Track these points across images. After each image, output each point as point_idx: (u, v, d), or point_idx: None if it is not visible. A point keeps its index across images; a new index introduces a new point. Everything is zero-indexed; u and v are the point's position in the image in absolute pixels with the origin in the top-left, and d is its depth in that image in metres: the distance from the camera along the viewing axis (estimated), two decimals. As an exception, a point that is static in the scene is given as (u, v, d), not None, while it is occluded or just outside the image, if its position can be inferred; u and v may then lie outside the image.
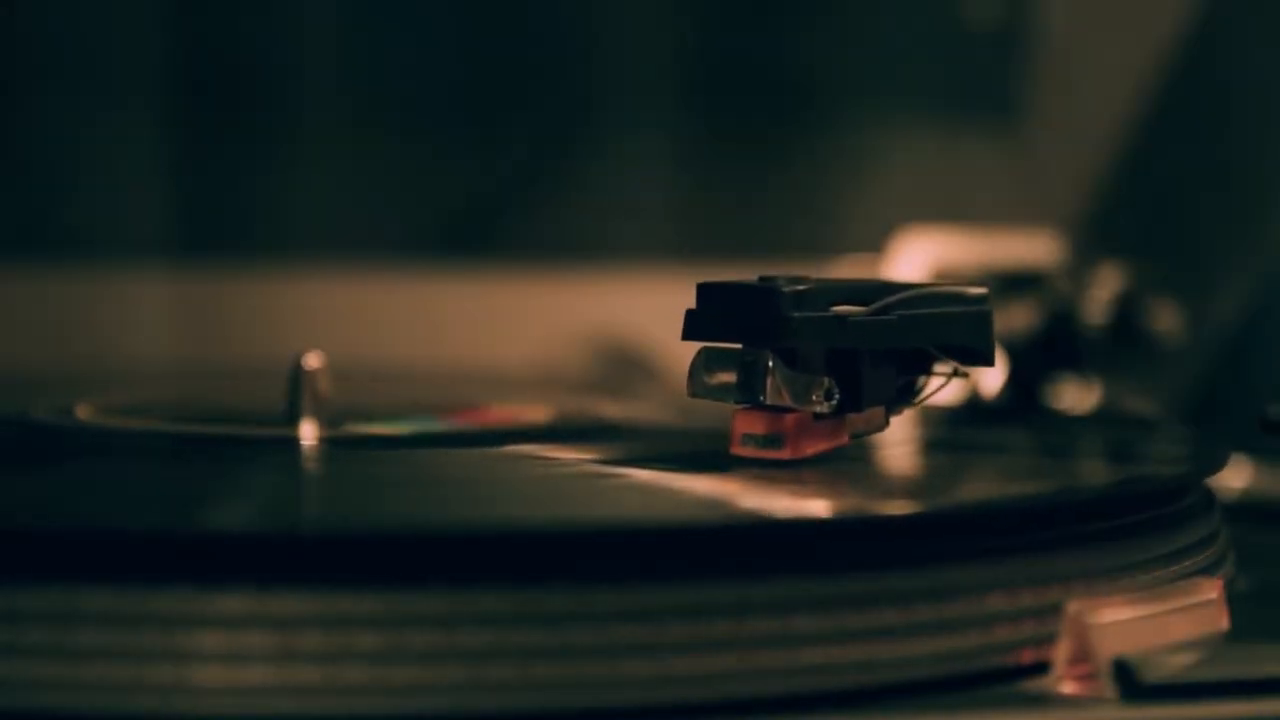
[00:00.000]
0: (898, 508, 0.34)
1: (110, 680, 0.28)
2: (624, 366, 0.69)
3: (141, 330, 0.70)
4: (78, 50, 0.70)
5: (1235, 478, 0.50)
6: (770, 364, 0.36)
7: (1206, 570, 0.36)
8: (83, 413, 0.46)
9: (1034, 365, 0.57)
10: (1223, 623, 0.33)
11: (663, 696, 0.29)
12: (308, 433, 0.43)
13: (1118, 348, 0.57)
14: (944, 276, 0.59)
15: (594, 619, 0.29)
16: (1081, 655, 0.31)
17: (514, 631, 0.29)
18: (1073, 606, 0.31)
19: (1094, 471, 0.43)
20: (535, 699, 0.29)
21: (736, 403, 0.37)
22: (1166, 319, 0.57)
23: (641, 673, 0.29)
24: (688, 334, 0.37)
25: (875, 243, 0.66)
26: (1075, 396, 0.57)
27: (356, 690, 0.28)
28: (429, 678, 0.28)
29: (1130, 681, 0.30)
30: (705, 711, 0.29)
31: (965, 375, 0.39)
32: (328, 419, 0.43)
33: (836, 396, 0.36)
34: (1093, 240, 0.66)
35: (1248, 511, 0.47)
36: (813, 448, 0.37)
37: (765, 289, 0.36)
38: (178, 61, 0.70)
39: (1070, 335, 0.57)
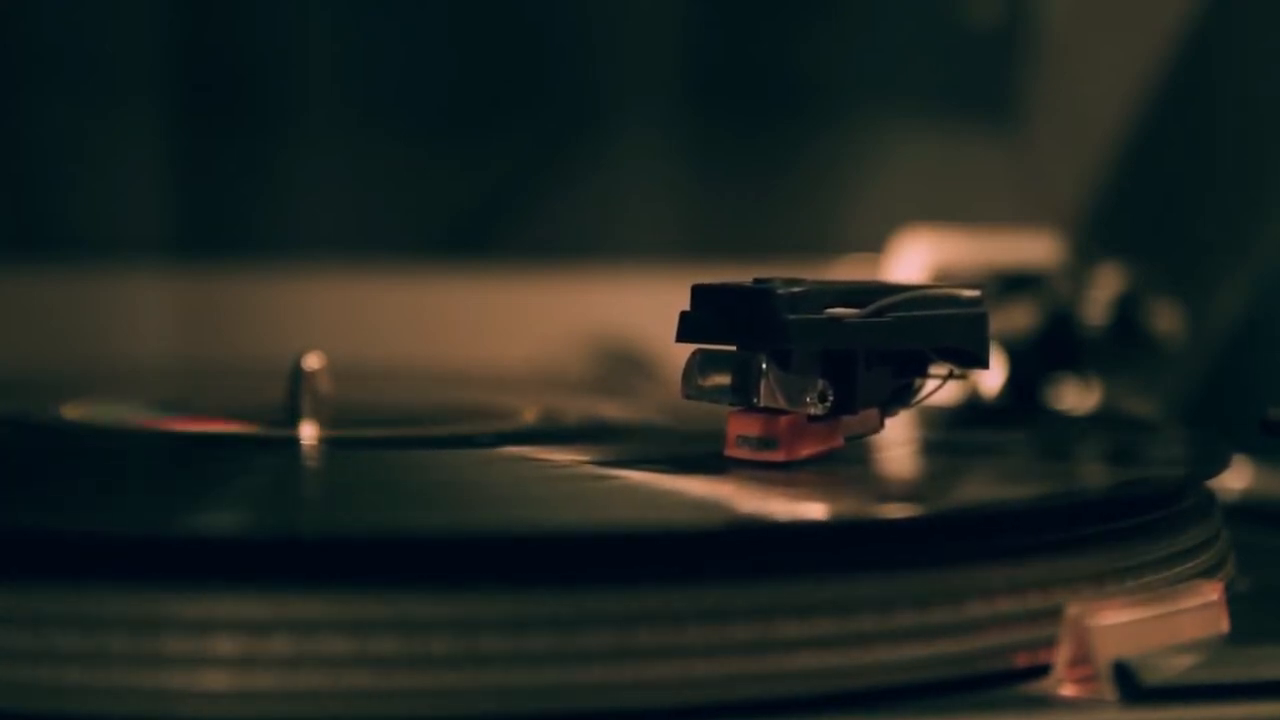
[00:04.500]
0: (895, 510, 0.34)
1: (106, 683, 0.28)
2: (624, 366, 0.69)
3: (141, 330, 0.70)
4: (78, 50, 0.70)
5: (1235, 479, 0.50)
6: (764, 366, 0.36)
7: (1207, 572, 0.36)
8: (81, 413, 0.46)
9: (1034, 366, 0.57)
10: (1223, 625, 0.33)
11: (660, 699, 0.29)
12: (307, 433, 0.42)
13: (1118, 348, 0.57)
14: (944, 277, 0.59)
15: (588, 622, 0.29)
16: (1082, 657, 0.31)
17: (511, 634, 0.29)
18: (1073, 609, 0.31)
19: (1094, 473, 0.42)
20: (535, 702, 0.29)
21: (731, 405, 0.37)
22: (1166, 319, 0.57)
23: (639, 675, 0.29)
24: (682, 336, 0.36)
25: (875, 243, 0.66)
26: (1075, 397, 0.57)
27: (361, 694, 0.28)
28: (418, 682, 0.28)
29: (1131, 684, 0.30)
30: (704, 714, 0.29)
31: (961, 377, 0.39)
32: (329, 419, 0.43)
33: (831, 399, 0.36)
34: (1093, 240, 0.66)
35: (1248, 513, 0.47)
36: (807, 450, 0.36)
37: (760, 291, 0.36)
38: (178, 61, 0.70)
39: (1070, 336, 0.57)
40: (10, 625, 0.28)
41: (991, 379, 0.55)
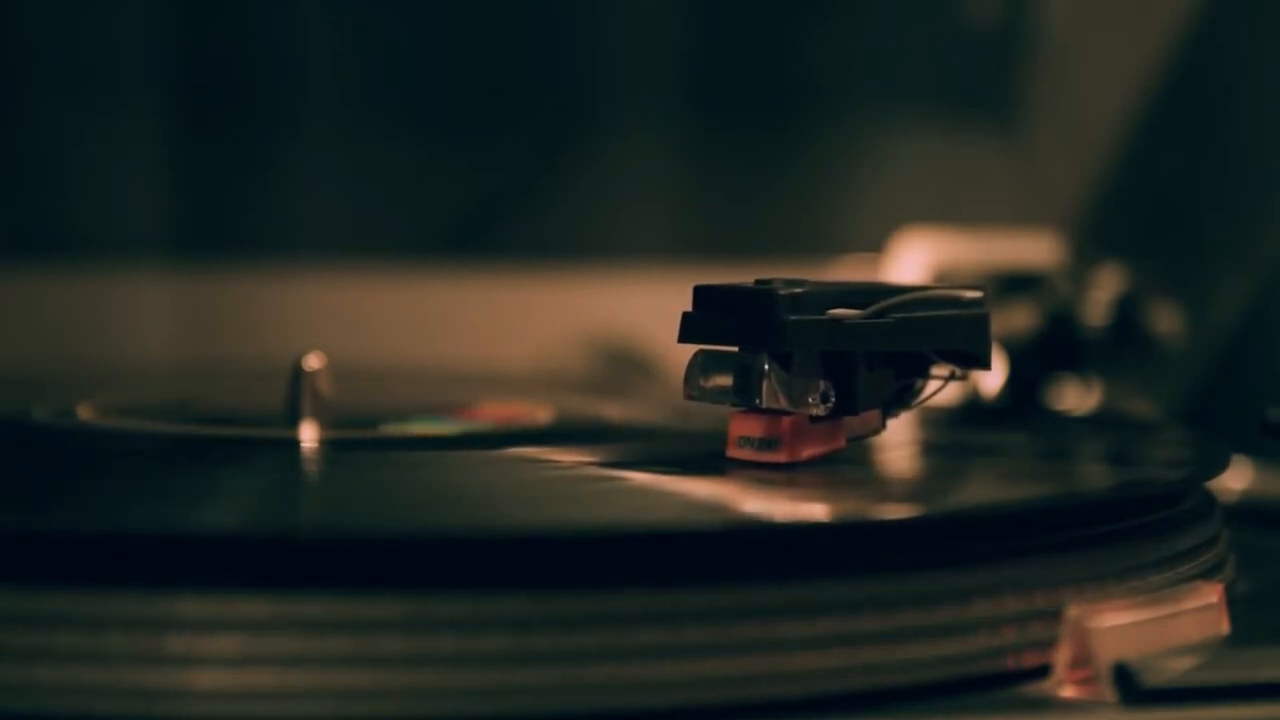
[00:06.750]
0: (896, 512, 0.34)
1: (103, 684, 0.28)
2: (624, 366, 0.69)
3: (141, 330, 0.70)
4: (78, 51, 0.70)
5: (1235, 480, 0.50)
6: (766, 367, 0.36)
7: (1207, 574, 0.36)
8: (83, 413, 0.46)
9: (1034, 366, 0.57)
10: (1223, 626, 0.33)
11: (661, 700, 0.29)
12: (308, 434, 0.42)
13: (1118, 349, 0.57)
14: (944, 277, 0.59)
15: (588, 622, 0.29)
16: (1082, 659, 0.31)
17: (511, 634, 0.29)
18: (1073, 610, 0.31)
19: (1094, 474, 0.42)
20: (535, 702, 0.29)
21: (733, 406, 0.37)
22: (1167, 320, 0.57)
23: (640, 677, 0.29)
24: (684, 337, 0.36)
25: (875, 243, 0.66)
26: (1076, 398, 0.57)
27: (350, 694, 0.28)
28: (419, 681, 0.28)
29: (1131, 686, 0.30)
30: (704, 714, 0.29)
31: (963, 378, 0.39)
32: (330, 419, 0.43)
33: (832, 400, 0.36)
34: (1093, 241, 0.66)
35: (1248, 514, 0.47)
36: (809, 451, 0.36)
37: (761, 292, 0.36)
38: (178, 62, 0.70)
39: (1070, 336, 0.57)
40: (11, 625, 0.28)
41: (992, 379, 0.55)
